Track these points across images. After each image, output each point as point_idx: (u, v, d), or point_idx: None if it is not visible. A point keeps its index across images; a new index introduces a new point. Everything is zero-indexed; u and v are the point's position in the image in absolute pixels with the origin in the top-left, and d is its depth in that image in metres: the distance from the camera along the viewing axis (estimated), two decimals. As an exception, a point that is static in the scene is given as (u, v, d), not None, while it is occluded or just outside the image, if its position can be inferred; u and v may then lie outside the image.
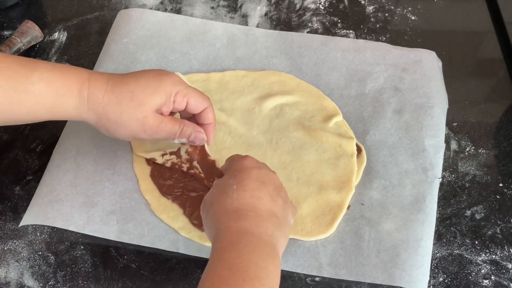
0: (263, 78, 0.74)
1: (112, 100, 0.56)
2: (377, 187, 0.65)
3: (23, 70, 0.54)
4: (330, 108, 0.71)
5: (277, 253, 0.50)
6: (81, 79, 0.56)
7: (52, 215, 0.63)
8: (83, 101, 0.56)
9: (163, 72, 0.59)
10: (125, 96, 0.56)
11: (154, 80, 0.58)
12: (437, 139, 0.68)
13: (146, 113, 0.57)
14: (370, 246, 0.61)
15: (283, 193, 0.55)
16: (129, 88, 0.57)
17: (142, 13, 0.81)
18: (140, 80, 0.57)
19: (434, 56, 0.76)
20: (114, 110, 0.56)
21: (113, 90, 0.56)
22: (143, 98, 0.57)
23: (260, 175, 0.54)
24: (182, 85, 0.60)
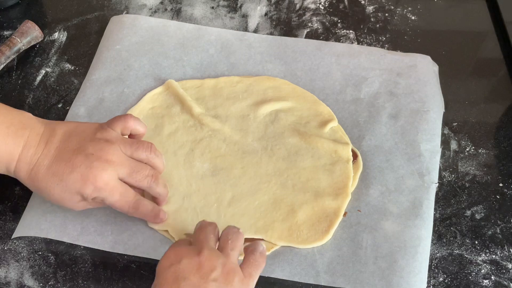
0: (258, 83, 0.74)
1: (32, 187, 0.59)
2: (373, 193, 0.65)
3: None
4: (325, 114, 0.71)
5: None
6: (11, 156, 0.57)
7: (46, 227, 0.62)
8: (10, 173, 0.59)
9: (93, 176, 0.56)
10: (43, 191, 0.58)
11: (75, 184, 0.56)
12: (433, 143, 0.68)
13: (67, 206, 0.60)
14: (368, 253, 0.60)
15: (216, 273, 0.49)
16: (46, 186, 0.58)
17: (135, 19, 0.81)
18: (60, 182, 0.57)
19: (429, 61, 0.76)
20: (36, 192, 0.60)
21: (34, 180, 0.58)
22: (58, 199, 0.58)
23: (179, 271, 0.48)
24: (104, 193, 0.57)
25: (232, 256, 0.51)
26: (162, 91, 0.74)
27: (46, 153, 0.58)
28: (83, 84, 0.75)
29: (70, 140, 0.58)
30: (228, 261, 0.50)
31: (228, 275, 0.49)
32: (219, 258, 0.50)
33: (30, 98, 0.76)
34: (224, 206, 0.64)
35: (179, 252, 0.50)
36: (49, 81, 0.77)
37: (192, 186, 0.65)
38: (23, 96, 0.76)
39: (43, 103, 0.75)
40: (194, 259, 0.49)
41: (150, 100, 0.73)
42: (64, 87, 0.77)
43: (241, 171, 0.66)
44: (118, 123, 0.61)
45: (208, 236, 0.52)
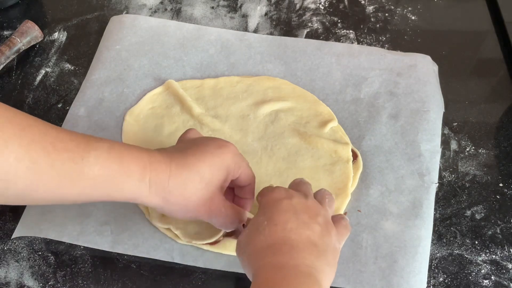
0: (258, 83, 0.74)
1: (180, 184, 0.53)
2: (373, 193, 0.65)
3: (79, 150, 0.49)
4: (325, 114, 0.71)
5: (319, 282, 0.48)
6: (142, 163, 0.52)
7: (45, 227, 0.62)
8: (144, 186, 0.52)
9: (222, 144, 0.56)
10: (194, 179, 0.53)
11: (217, 156, 0.54)
12: (433, 143, 0.68)
13: (213, 193, 0.54)
14: (368, 253, 0.60)
15: (321, 218, 0.52)
16: (196, 169, 0.53)
17: (135, 19, 0.81)
18: (205, 159, 0.54)
19: (429, 60, 0.76)
20: (183, 193, 0.53)
21: (180, 173, 0.53)
22: (210, 178, 0.54)
23: (291, 205, 0.51)
24: (238, 157, 0.57)
25: (328, 212, 0.54)
26: (162, 91, 0.74)
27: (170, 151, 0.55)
28: (83, 84, 0.75)
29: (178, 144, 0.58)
30: (327, 214, 0.53)
31: (328, 225, 0.52)
32: (321, 209, 0.53)
33: (30, 98, 0.76)
34: None
35: (290, 192, 0.53)
36: (49, 81, 0.77)
37: None
38: (23, 96, 0.76)
39: (43, 103, 0.75)
40: (303, 200, 0.53)
41: (150, 100, 0.73)
42: (64, 87, 0.77)
43: None
44: None
45: (309, 190, 0.55)
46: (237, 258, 0.54)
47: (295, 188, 0.56)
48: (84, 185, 0.50)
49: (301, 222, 0.50)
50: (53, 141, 0.48)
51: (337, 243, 0.52)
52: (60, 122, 0.72)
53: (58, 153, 0.48)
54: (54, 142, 0.48)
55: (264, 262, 0.49)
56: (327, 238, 0.51)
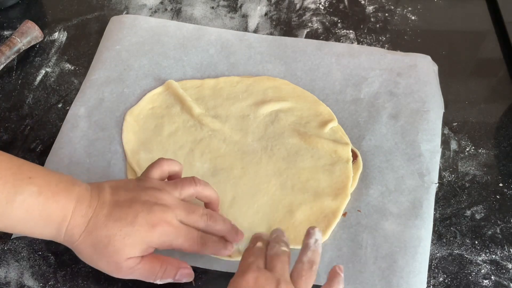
0: (258, 84, 0.74)
1: (87, 242, 0.54)
2: (373, 193, 0.65)
3: (6, 191, 0.52)
4: (325, 114, 0.71)
5: None
6: (64, 212, 0.54)
7: None
8: (59, 234, 0.54)
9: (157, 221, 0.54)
10: (101, 242, 0.53)
11: (141, 230, 0.54)
12: (433, 143, 0.68)
13: (120, 260, 0.54)
14: (368, 253, 0.60)
15: None
16: (107, 233, 0.53)
17: (135, 19, 0.81)
18: (124, 227, 0.54)
19: (429, 60, 0.76)
20: (88, 251, 0.54)
21: (91, 232, 0.54)
22: (119, 248, 0.53)
23: None
24: (172, 235, 0.55)
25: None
26: (162, 91, 0.74)
27: (101, 204, 0.55)
28: (83, 84, 0.75)
29: (120, 193, 0.56)
30: None
31: None
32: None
33: (30, 98, 0.76)
34: (225, 207, 0.64)
35: (260, 279, 0.50)
36: (49, 81, 0.77)
37: None
38: (23, 96, 0.76)
39: (43, 103, 0.75)
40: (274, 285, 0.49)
41: (150, 100, 0.73)
42: (64, 87, 0.77)
43: (241, 171, 0.66)
44: (154, 171, 0.59)
45: (286, 265, 0.52)
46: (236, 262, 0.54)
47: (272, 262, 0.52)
48: (6, 223, 0.53)
49: None
50: None
51: None
52: (60, 122, 0.72)
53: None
54: None
55: None
56: None
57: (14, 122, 0.73)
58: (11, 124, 0.73)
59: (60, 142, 0.69)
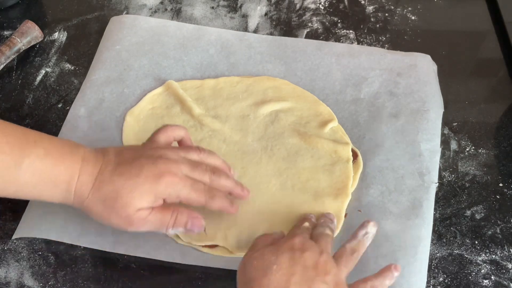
0: (258, 84, 0.74)
1: (96, 198, 0.55)
2: (373, 193, 0.64)
3: (14, 154, 0.53)
4: (325, 114, 0.71)
5: None
6: (71, 172, 0.54)
7: (46, 228, 0.62)
8: (69, 195, 0.55)
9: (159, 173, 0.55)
10: (110, 196, 0.54)
11: (146, 181, 0.54)
12: (433, 143, 0.68)
13: (130, 213, 0.55)
14: (368, 252, 0.60)
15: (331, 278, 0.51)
16: (114, 188, 0.54)
17: (135, 19, 0.81)
18: (129, 179, 0.54)
19: (429, 60, 0.76)
20: (98, 207, 0.55)
21: (100, 188, 0.55)
22: (127, 200, 0.54)
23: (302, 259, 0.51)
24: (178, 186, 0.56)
25: (343, 272, 0.53)
26: (162, 92, 0.74)
27: (106, 163, 0.56)
28: (83, 85, 0.75)
29: (124, 153, 0.57)
30: (340, 274, 0.53)
31: (338, 285, 0.51)
32: (334, 268, 0.52)
33: (30, 98, 0.76)
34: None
35: (306, 243, 0.53)
36: (49, 81, 0.77)
37: None
38: (23, 96, 0.76)
39: (43, 103, 0.75)
40: (316, 256, 0.52)
41: (150, 101, 0.73)
42: (64, 87, 0.77)
43: (241, 171, 0.66)
44: (160, 135, 0.60)
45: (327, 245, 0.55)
46: (238, 257, 0.55)
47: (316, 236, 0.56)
48: (16, 187, 0.54)
49: (307, 278, 0.50)
50: None
51: None
52: (60, 122, 0.72)
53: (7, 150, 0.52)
54: None
55: None
56: None
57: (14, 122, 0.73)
58: (11, 124, 0.73)
59: None
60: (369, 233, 0.57)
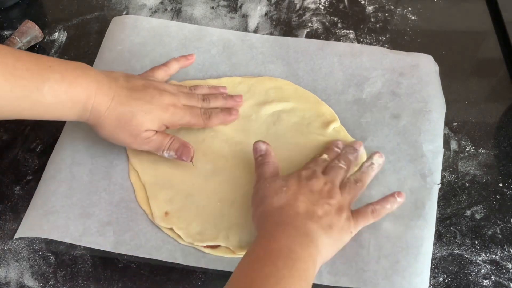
0: (260, 84, 0.74)
1: (113, 116, 0.62)
2: (375, 194, 0.64)
3: (34, 80, 0.57)
4: (327, 114, 0.71)
5: (316, 244, 0.55)
6: (87, 93, 0.60)
7: (48, 227, 0.62)
8: (85, 113, 0.61)
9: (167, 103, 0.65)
10: (126, 116, 0.62)
11: (156, 109, 0.63)
12: (436, 144, 0.68)
13: (140, 132, 0.63)
14: (370, 252, 0.60)
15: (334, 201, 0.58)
16: (131, 110, 0.62)
17: (137, 20, 0.81)
18: (144, 105, 0.63)
19: (431, 60, 0.76)
20: (112, 125, 0.62)
21: (116, 108, 0.62)
22: (142, 122, 0.63)
23: (310, 185, 0.59)
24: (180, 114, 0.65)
25: (346, 199, 0.60)
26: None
27: (120, 87, 0.63)
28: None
29: (133, 81, 0.65)
30: (343, 200, 0.60)
31: (340, 209, 0.58)
32: (337, 194, 0.60)
33: (30, 98, 0.75)
34: (227, 206, 0.64)
35: (313, 174, 0.61)
36: (49, 81, 0.77)
37: (195, 185, 0.65)
38: (23, 96, 0.76)
39: (43, 103, 0.75)
40: (321, 184, 0.60)
41: (151, 101, 0.73)
42: (64, 87, 0.77)
43: (243, 171, 0.66)
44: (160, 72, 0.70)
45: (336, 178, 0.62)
46: (239, 258, 0.56)
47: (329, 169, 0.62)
48: (38, 110, 0.59)
49: (313, 199, 0.58)
50: (11, 71, 0.56)
51: (346, 225, 0.58)
52: (60, 122, 0.72)
53: (16, 81, 0.56)
54: (12, 72, 0.56)
55: (271, 219, 0.57)
56: (335, 218, 0.57)
57: (14, 122, 0.73)
58: (11, 124, 0.73)
59: (63, 142, 0.69)
60: (374, 163, 0.64)
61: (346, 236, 0.58)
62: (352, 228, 0.58)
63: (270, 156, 0.64)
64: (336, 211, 0.58)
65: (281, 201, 0.58)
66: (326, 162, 0.64)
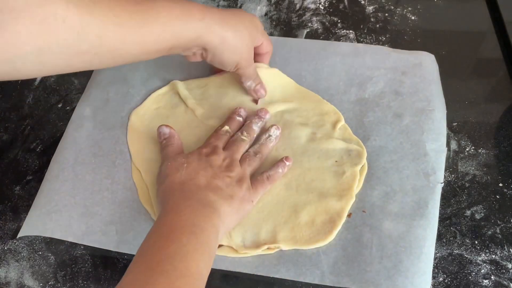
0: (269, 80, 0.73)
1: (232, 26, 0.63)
2: (378, 194, 0.64)
3: (148, 2, 0.59)
4: (331, 113, 0.71)
5: (219, 213, 0.57)
6: (200, 7, 0.62)
7: (51, 226, 0.63)
8: (205, 25, 0.62)
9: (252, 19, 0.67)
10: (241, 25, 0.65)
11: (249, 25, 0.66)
12: (439, 143, 0.68)
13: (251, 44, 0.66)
14: (373, 252, 0.60)
15: (234, 174, 0.62)
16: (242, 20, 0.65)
17: None
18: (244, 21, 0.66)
19: (433, 59, 0.76)
20: (235, 33, 0.64)
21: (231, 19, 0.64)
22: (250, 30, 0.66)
23: (209, 160, 0.62)
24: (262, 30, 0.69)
25: (246, 170, 0.63)
26: (166, 91, 0.74)
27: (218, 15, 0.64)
28: (88, 85, 0.76)
29: None
30: (243, 172, 0.63)
31: (240, 181, 0.61)
32: (237, 167, 0.63)
33: (30, 98, 0.76)
34: None
35: (212, 151, 0.64)
36: (49, 81, 0.77)
37: None
38: (23, 96, 0.76)
39: (43, 103, 0.75)
40: (220, 160, 0.63)
41: (155, 100, 0.73)
42: (64, 87, 0.77)
43: None
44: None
45: (235, 152, 0.65)
46: (242, 258, 0.59)
47: (230, 143, 0.66)
48: (157, 30, 0.59)
49: (213, 173, 0.61)
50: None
51: (247, 195, 0.61)
52: (60, 122, 0.73)
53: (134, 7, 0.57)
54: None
55: (173, 195, 0.58)
56: (236, 188, 0.60)
57: (14, 122, 0.73)
58: (11, 124, 0.73)
59: (65, 142, 0.70)
60: (272, 135, 0.67)
61: (248, 205, 0.61)
62: (252, 197, 0.62)
63: (173, 138, 0.66)
64: (236, 182, 0.61)
65: (182, 177, 0.60)
66: (228, 134, 0.67)
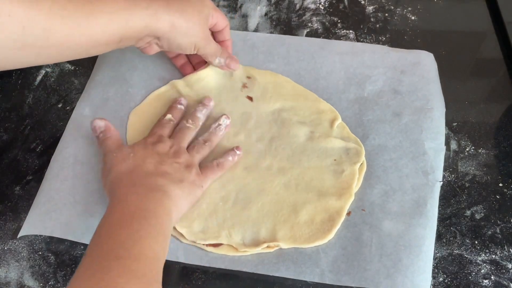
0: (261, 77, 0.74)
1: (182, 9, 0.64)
2: (377, 193, 0.64)
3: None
4: (328, 112, 0.71)
5: (169, 196, 0.58)
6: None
7: (50, 225, 0.63)
8: (153, 12, 0.62)
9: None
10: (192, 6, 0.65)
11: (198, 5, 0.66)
12: (438, 142, 0.68)
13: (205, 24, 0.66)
14: (372, 251, 0.60)
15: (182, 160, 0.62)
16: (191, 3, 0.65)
17: None
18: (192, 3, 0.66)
19: (432, 58, 0.76)
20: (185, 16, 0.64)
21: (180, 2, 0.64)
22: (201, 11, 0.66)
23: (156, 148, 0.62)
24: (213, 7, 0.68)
25: (195, 157, 0.65)
26: (166, 91, 0.74)
27: None
28: (87, 85, 0.76)
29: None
30: (191, 159, 0.64)
31: (188, 166, 0.62)
32: (185, 154, 0.64)
33: (30, 98, 0.76)
34: (229, 205, 0.64)
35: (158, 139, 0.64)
36: (49, 81, 0.77)
37: None
38: (23, 96, 0.76)
39: (43, 103, 0.75)
40: (166, 147, 0.63)
41: (154, 100, 0.73)
42: (64, 87, 0.77)
43: (244, 171, 0.66)
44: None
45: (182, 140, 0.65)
46: (241, 257, 0.59)
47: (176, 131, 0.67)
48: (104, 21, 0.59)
49: (161, 160, 0.61)
50: None
51: (197, 180, 0.62)
52: (60, 122, 0.73)
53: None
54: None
55: (122, 184, 0.58)
56: (185, 173, 0.61)
57: (14, 122, 0.73)
58: (11, 124, 0.73)
59: (65, 141, 0.70)
60: (221, 124, 0.68)
61: (198, 190, 0.62)
62: (202, 182, 0.63)
63: (110, 131, 0.65)
64: (185, 167, 0.61)
65: (129, 165, 0.60)
66: (172, 123, 0.68)
